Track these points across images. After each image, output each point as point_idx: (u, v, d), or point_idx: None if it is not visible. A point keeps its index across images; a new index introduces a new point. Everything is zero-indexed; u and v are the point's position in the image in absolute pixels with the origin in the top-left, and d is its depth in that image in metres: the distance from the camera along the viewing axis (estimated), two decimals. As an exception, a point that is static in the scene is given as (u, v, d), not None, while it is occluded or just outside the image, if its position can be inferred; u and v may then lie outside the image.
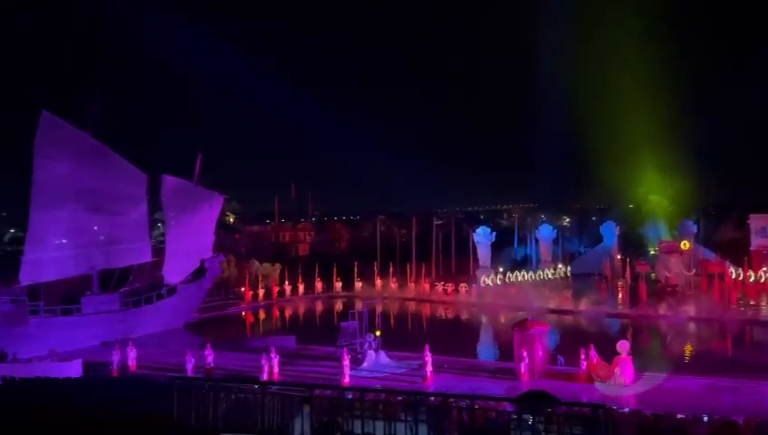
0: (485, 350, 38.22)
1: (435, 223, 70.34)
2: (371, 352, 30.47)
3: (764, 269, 52.21)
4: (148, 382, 23.69)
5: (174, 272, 44.97)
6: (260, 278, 57.99)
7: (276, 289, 56.70)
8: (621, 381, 25.60)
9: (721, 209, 78.14)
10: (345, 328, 32.15)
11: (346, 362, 27.81)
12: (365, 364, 29.78)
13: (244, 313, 52.42)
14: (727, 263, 52.81)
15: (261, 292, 55.36)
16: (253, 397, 13.89)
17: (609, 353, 26.72)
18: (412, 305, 53.89)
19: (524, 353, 27.41)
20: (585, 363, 26.79)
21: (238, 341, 38.31)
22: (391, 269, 59.37)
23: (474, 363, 31.63)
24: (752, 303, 46.88)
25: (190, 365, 28.93)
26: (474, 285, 55.58)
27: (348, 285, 58.52)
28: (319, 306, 55.45)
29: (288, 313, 54.02)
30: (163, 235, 49.71)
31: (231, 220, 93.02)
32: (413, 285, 58.20)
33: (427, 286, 57.13)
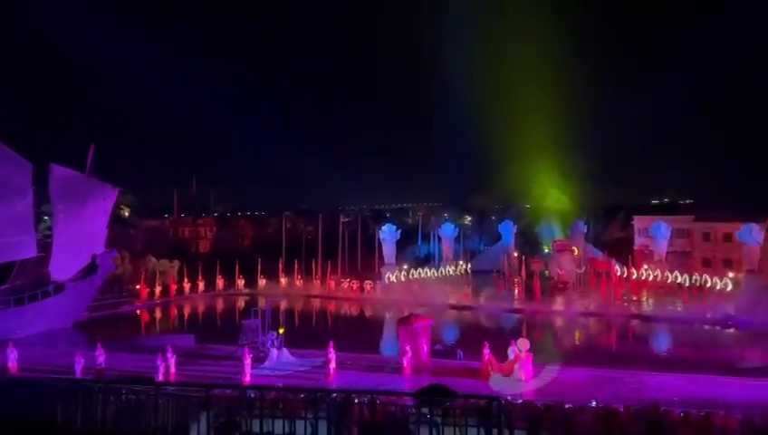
0: (389, 346, 38.62)
1: (341, 220, 70.36)
2: (274, 351, 30.10)
3: (645, 267, 56.10)
4: (29, 385, 22.06)
5: (62, 268, 42.47)
6: (157, 275, 55.80)
7: (174, 286, 54.78)
8: (520, 377, 26.63)
9: (609, 211, 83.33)
10: (247, 326, 31.57)
11: (247, 361, 27.30)
12: (267, 363, 29.37)
13: (139, 311, 50.20)
14: (613, 261, 56.45)
15: (158, 289, 53.31)
16: (146, 398, 13.25)
17: (505, 347, 27.79)
18: (317, 303, 53.67)
19: (407, 348, 28.08)
20: (491, 357, 27.50)
21: (132, 341, 36.62)
22: (297, 266, 58.85)
23: (377, 359, 31.92)
24: (634, 298, 50.26)
25: (79, 366, 27.40)
26: (378, 282, 56.16)
27: (251, 282, 57.46)
28: (220, 304, 54.03)
29: (187, 311, 52.20)
30: (50, 228, 46.64)
31: (126, 214, 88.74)
32: (318, 282, 58.01)
33: (332, 283, 57.11)
